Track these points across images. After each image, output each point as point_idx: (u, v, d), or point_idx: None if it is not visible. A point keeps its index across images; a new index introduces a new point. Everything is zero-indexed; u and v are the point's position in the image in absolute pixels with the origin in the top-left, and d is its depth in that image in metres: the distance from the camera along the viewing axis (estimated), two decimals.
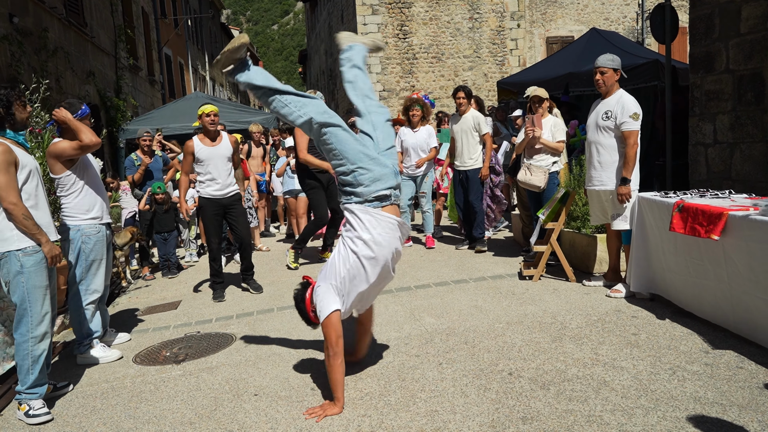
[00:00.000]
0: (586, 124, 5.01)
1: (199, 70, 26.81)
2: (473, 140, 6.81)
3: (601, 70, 4.76)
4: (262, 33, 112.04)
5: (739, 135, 5.82)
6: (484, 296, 5.06)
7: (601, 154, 4.77)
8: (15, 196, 3.34)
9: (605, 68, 4.74)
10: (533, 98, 5.88)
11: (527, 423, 2.86)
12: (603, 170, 4.78)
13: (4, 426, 3.37)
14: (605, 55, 4.84)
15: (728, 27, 5.84)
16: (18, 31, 7.85)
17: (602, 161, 4.77)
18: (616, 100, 4.69)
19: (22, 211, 3.35)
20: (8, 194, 3.33)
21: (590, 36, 10.70)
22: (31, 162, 3.55)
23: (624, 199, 4.63)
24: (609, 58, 4.79)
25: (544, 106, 5.89)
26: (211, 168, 5.60)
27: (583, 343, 3.82)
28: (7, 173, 3.34)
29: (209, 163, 5.59)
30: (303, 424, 3.04)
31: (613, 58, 4.78)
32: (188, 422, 3.18)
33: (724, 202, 3.90)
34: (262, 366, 3.90)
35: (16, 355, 3.49)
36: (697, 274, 3.96)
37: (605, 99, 4.81)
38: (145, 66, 16.63)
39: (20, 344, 3.44)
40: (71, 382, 3.87)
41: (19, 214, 3.34)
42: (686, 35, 6.54)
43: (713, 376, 3.20)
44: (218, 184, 5.64)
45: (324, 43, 27.78)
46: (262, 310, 5.29)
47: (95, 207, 4.30)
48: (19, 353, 3.45)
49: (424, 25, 19.08)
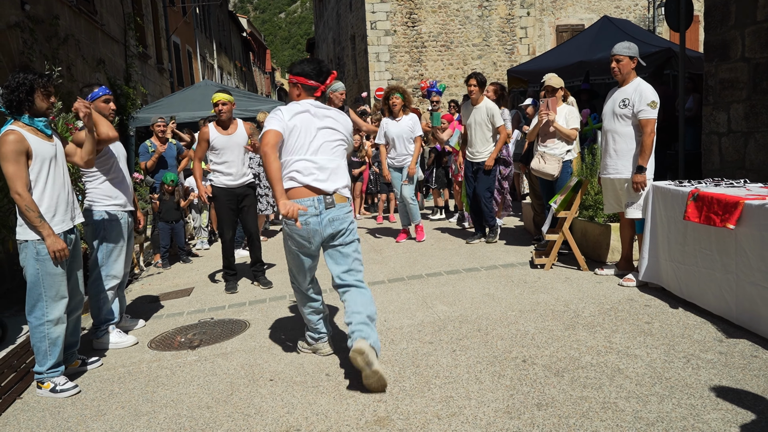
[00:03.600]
0: (603, 113, 4.96)
1: (207, 58, 26.78)
2: (487, 132, 6.49)
3: (617, 58, 4.70)
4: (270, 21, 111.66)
5: (753, 124, 5.77)
6: (496, 284, 5.07)
7: (617, 142, 4.73)
8: (22, 186, 3.35)
9: (621, 56, 4.68)
10: (546, 88, 5.80)
11: (542, 409, 2.88)
12: (619, 158, 4.74)
13: (24, 408, 3.42)
14: (621, 43, 4.78)
15: (744, 14, 5.78)
16: (30, 18, 7.86)
17: (618, 149, 4.74)
18: (633, 88, 4.65)
19: (26, 203, 3.36)
20: (15, 184, 3.35)
21: (602, 24, 10.61)
22: (48, 149, 3.53)
23: (639, 187, 4.60)
24: (625, 45, 4.72)
25: (558, 95, 5.79)
26: (226, 156, 5.52)
27: (597, 331, 3.83)
28: (17, 163, 3.35)
29: (224, 151, 5.52)
30: (319, 408, 3.07)
31: (630, 46, 4.72)
32: (205, 406, 3.22)
33: (740, 191, 3.88)
34: (276, 352, 3.94)
35: (32, 338, 3.54)
36: (705, 264, 3.96)
37: (622, 87, 4.75)
38: (154, 54, 16.63)
39: (36, 327, 3.51)
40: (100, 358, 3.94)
41: (22, 204, 3.36)
42: (699, 23, 6.49)
43: (727, 364, 3.21)
44: (233, 173, 5.55)
45: (332, 31, 27.67)
46: (275, 297, 5.32)
47: (119, 194, 4.34)
48: (36, 336, 3.51)
49: (432, 13, 18.96)
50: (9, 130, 3.40)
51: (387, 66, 18.96)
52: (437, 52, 19.16)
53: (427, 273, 5.65)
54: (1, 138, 3.37)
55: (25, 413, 3.36)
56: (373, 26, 18.74)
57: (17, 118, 3.50)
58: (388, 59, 18.95)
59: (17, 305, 5.63)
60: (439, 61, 19.07)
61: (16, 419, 3.29)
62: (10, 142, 3.35)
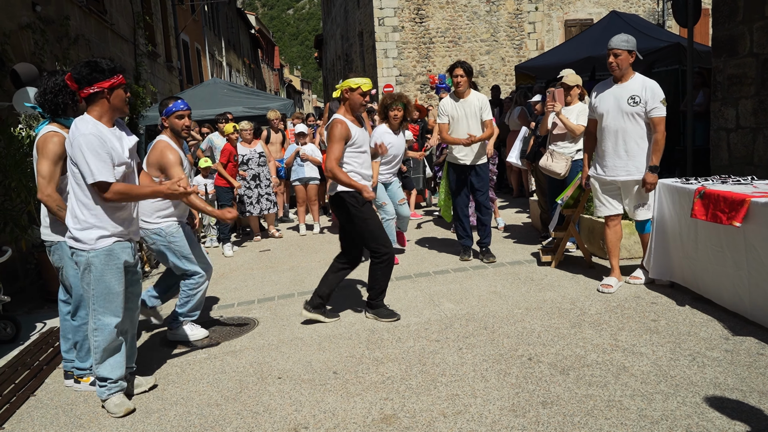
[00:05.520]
0: (600, 110, 4.59)
1: (216, 56, 26.87)
2: (478, 128, 5.71)
3: (615, 52, 4.43)
4: (278, 18, 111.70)
5: (762, 120, 5.74)
6: (503, 282, 5.09)
7: (627, 142, 4.45)
8: (52, 188, 3.36)
9: (620, 50, 4.41)
10: (562, 85, 5.61)
11: (547, 407, 2.90)
12: (630, 159, 4.47)
13: (38, 405, 3.49)
14: (619, 36, 4.49)
15: (753, 10, 5.74)
16: (41, 19, 7.93)
17: (630, 150, 4.46)
18: (640, 85, 4.42)
19: (57, 202, 3.36)
20: (48, 186, 3.33)
21: (610, 19, 10.54)
22: None
23: (652, 187, 4.46)
24: (623, 38, 4.44)
25: (573, 92, 5.65)
26: None
27: (603, 329, 3.84)
28: (53, 164, 3.34)
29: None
30: (327, 406, 3.11)
31: (628, 39, 4.46)
32: (215, 404, 3.27)
33: (746, 189, 3.87)
34: (285, 350, 3.98)
35: (74, 335, 3.63)
36: (717, 260, 3.96)
37: (622, 83, 4.49)
38: (163, 52, 16.72)
39: (80, 326, 3.59)
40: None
41: (53, 205, 3.36)
42: (709, 17, 6.43)
43: (733, 362, 3.22)
44: None
45: (340, 27, 27.67)
46: (283, 295, 5.37)
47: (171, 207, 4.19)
48: (79, 334, 3.60)
49: (440, 8, 18.93)
50: (54, 132, 3.38)
51: (395, 62, 18.95)
52: (445, 48, 19.13)
53: (435, 270, 5.68)
54: (46, 137, 3.35)
55: (39, 410, 3.42)
56: (380, 22, 18.74)
57: (58, 120, 3.46)
58: (396, 55, 18.95)
59: (30, 303, 5.71)
60: (447, 57, 19.03)
61: (30, 416, 3.35)
62: (56, 144, 3.33)
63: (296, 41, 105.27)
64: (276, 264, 6.67)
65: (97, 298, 3.19)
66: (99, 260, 3.15)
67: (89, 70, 3.08)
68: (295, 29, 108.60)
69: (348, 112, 4.33)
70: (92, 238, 3.14)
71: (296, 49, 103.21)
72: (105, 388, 3.27)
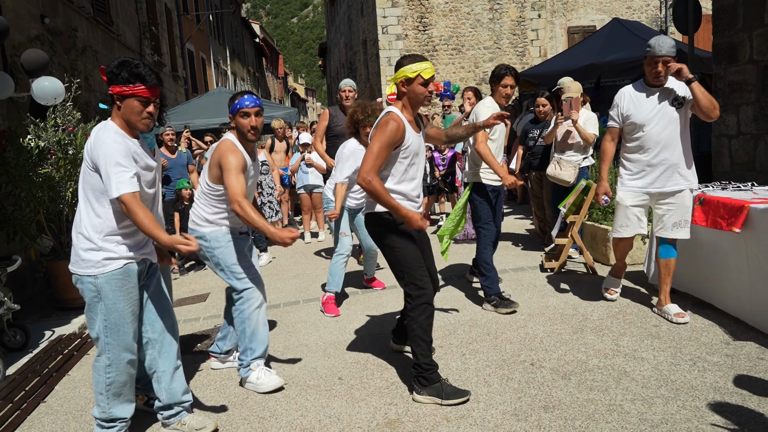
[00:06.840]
0: (640, 119, 4.04)
1: (221, 65, 27.07)
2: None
3: (666, 59, 3.92)
4: (282, 26, 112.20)
5: (763, 126, 5.79)
6: (506, 288, 5.12)
7: (677, 148, 4.00)
8: None
9: (670, 57, 3.93)
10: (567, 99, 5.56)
11: (549, 411, 2.94)
12: (681, 168, 4.02)
13: (48, 412, 3.55)
14: (666, 40, 3.96)
15: (752, 17, 5.80)
16: (49, 31, 8.06)
17: (686, 155, 4.02)
18: (676, 84, 4.02)
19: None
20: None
21: (612, 26, 10.63)
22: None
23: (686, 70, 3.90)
24: (671, 43, 3.95)
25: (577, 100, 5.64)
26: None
27: (604, 334, 3.88)
28: None
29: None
30: (332, 411, 3.16)
31: (673, 43, 4.00)
32: (222, 409, 3.33)
33: (746, 195, 3.92)
34: (290, 356, 4.03)
35: None
36: (719, 265, 3.99)
37: (662, 87, 4.03)
38: (169, 62, 16.88)
39: None
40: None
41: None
42: (710, 23, 6.47)
43: (734, 367, 3.25)
44: None
45: (344, 36, 27.84)
46: (289, 302, 5.42)
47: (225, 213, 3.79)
48: None
49: (443, 16, 19.04)
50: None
51: None
52: (448, 56, 19.23)
53: (438, 277, 5.71)
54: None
55: (49, 416, 3.48)
56: (384, 31, 18.87)
57: None
58: None
59: (39, 312, 5.78)
60: (450, 65, 19.14)
61: (41, 422, 3.41)
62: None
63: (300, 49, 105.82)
64: (281, 271, 6.73)
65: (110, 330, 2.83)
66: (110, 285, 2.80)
67: (113, 68, 2.84)
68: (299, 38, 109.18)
69: (407, 109, 3.29)
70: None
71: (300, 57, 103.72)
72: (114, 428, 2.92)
